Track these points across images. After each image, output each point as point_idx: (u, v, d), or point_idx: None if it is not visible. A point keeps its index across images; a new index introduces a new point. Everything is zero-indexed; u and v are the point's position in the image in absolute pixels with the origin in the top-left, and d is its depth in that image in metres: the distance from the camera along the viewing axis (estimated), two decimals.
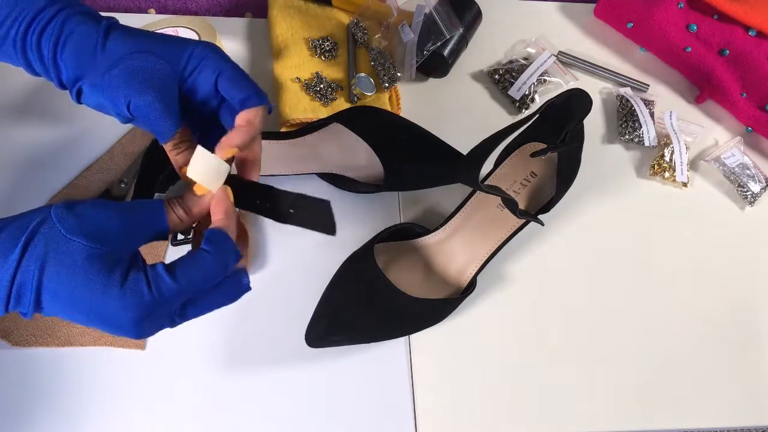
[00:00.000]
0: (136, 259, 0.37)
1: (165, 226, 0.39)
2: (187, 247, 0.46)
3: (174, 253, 0.54)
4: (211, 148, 0.41)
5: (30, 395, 0.49)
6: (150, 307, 0.35)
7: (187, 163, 0.41)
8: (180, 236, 0.52)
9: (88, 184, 0.57)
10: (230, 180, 0.42)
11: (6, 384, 0.49)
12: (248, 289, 0.41)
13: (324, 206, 0.45)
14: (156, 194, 0.53)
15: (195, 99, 0.44)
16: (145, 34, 0.43)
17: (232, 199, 0.42)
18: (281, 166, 0.58)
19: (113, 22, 0.43)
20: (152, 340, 0.52)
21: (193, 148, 0.41)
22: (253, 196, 0.44)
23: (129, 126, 0.60)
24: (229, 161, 0.43)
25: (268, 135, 0.57)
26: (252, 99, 0.43)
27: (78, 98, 0.43)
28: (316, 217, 0.45)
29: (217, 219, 0.41)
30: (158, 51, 0.42)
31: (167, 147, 0.43)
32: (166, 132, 0.42)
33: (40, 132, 0.59)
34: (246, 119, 0.43)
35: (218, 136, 0.42)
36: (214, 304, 0.40)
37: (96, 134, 0.59)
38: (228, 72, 0.43)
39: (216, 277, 0.38)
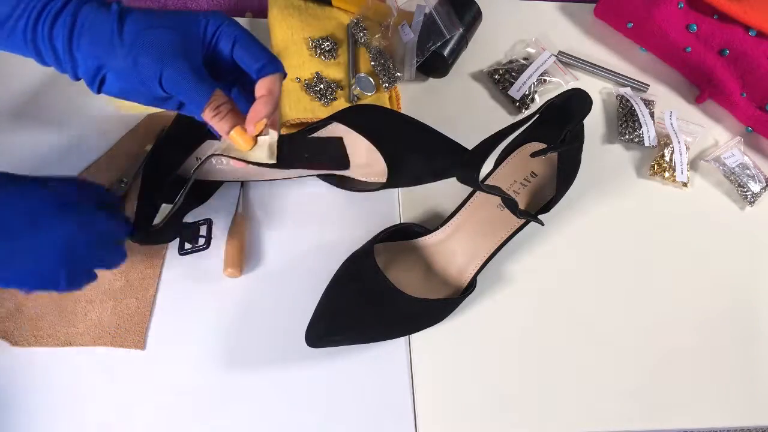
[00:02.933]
0: None
1: None
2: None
3: (177, 261, 0.54)
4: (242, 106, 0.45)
5: (30, 395, 0.49)
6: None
7: (231, 128, 0.44)
8: (187, 245, 0.52)
9: None
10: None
11: (6, 384, 0.49)
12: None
13: (335, 142, 0.47)
14: (163, 204, 0.53)
15: (217, 66, 0.45)
16: (158, 12, 0.43)
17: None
18: (282, 171, 0.58)
19: (124, 6, 0.43)
20: (152, 341, 0.52)
21: (233, 111, 0.44)
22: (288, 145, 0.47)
23: (127, 128, 0.60)
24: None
25: None
26: (268, 67, 0.44)
27: (99, 88, 0.43)
28: (329, 155, 0.48)
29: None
30: (174, 24, 0.42)
31: (207, 115, 0.44)
32: (203, 96, 0.43)
33: (41, 133, 0.59)
34: (267, 88, 0.44)
35: (245, 99, 0.45)
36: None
37: (96, 135, 0.59)
38: (243, 40, 0.44)
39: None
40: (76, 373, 0.50)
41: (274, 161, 0.45)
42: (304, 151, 0.47)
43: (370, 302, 0.51)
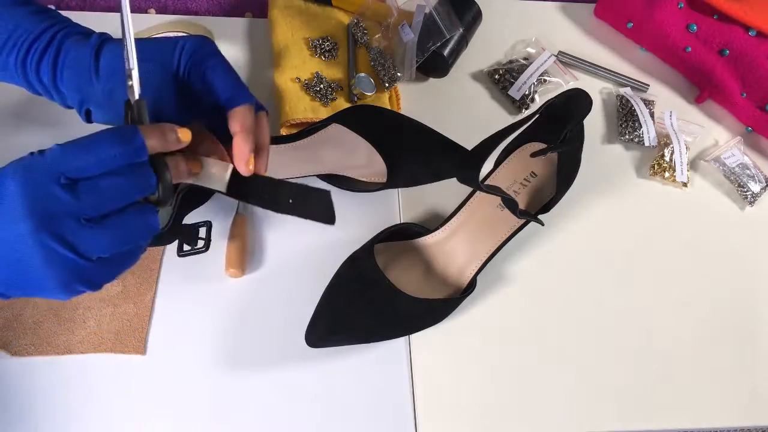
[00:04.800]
0: None
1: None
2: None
3: (175, 264, 0.54)
4: (221, 136, 0.43)
5: (30, 404, 0.48)
6: (32, 168, 0.33)
7: (204, 154, 0.42)
8: (186, 247, 0.52)
9: None
10: (233, 172, 0.43)
11: (6, 393, 0.49)
12: (156, 228, 0.37)
13: (323, 196, 0.45)
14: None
15: (194, 93, 0.44)
16: (135, 43, 0.42)
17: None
18: (281, 171, 0.58)
19: (104, 38, 0.43)
20: (152, 345, 0.52)
21: (208, 137, 0.43)
22: (253, 186, 0.45)
23: None
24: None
25: None
26: (237, 98, 0.42)
27: (88, 118, 0.45)
28: (315, 207, 0.45)
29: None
30: (148, 56, 0.42)
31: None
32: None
33: (37, 138, 0.59)
34: (239, 124, 0.42)
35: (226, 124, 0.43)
36: (118, 234, 0.35)
37: None
38: (215, 67, 0.43)
39: (109, 149, 0.34)
40: (76, 380, 0.50)
41: (224, 190, 0.43)
42: (289, 197, 0.45)
43: (370, 302, 0.51)
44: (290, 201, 0.45)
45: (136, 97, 0.38)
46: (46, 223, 0.32)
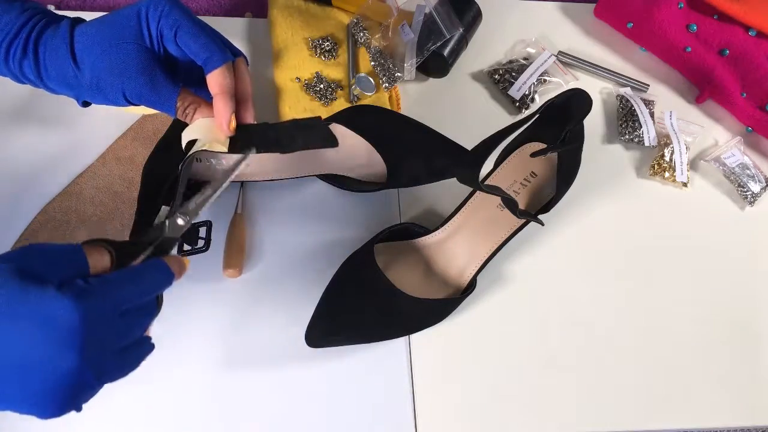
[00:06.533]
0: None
1: None
2: None
3: None
4: (209, 95, 0.44)
5: None
6: (89, 296, 0.31)
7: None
8: (186, 247, 0.52)
9: (80, 190, 0.57)
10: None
11: None
12: (151, 349, 0.39)
13: (317, 123, 0.47)
14: (162, 206, 0.53)
15: (173, 58, 0.44)
16: (103, 25, 0.42)
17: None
18: (282, 171, 0.58)
19: (73, 25, 0.43)
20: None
21: (201, 107, 0.44)
22: (251, 136, 0.46)
23: (121, 131, 0.60)
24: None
25: None
26: (213, 60, 0.42)
27: (86, 106, 0.45)
28: (316, 135, 0.47)
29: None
30: (118, 37, 0.42)
31: (179, 117, 0.44)
32: (167, 102, 0.43)
33: (32, 141, 0.58)
34: (218, 84, 0.42)
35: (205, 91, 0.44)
36: (130, 362, 0.36)
37: (88, 141, 0.59)
38: (184, 27, 0.42)
39: (152, 281, 0.36)
40: None
41: (225, 150, 0.45)
42: (290, 134, 0.47)
43: (370, 302, 0.51)
44: (293, 136, 0.47)
45: (166, 233, 0.41)
46: (94, 358, 0.31)
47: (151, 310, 0.38)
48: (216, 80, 0.43)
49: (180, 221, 0.41)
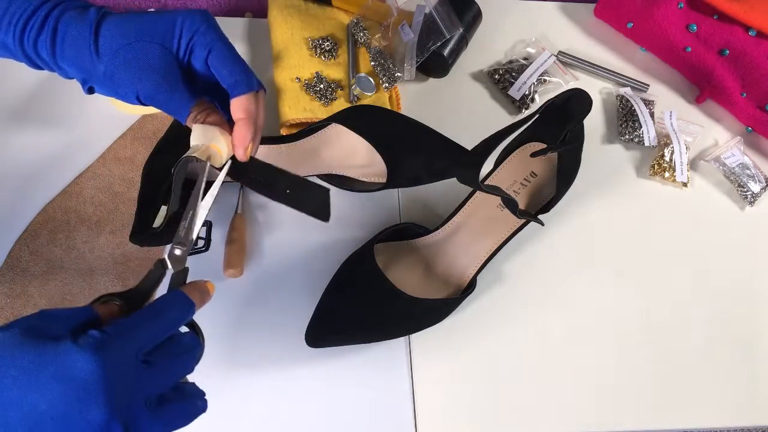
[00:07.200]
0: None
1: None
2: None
3: None
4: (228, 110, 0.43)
5: None
6: (106, 345, 0.30)
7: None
8: None
9: (80, 190, 0.57)
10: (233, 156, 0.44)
11: None
12: (204, 409, 0.39)
13: (322, 192, 0.45)
14: (162, 206, 0.53)
15: (195, 73, 0.44)
16: (134, 20, 0.42)
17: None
18: None
19: (104, 12, 0.42)
20: None
21: (215, 119, 0.44)
22: (253, 169, 0.45)
23: (121, 131, 0.60)
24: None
25: (267, 140, 0.57)
26: (240, 85, 0.42)
27: (90, 93, 0.44)
28: (312, 201, 0.46)
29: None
30: (148, 36, 0.41)
31: (189, 124, 0.44)
32: (181, 110, 0.43)
33: (32, 141, 0.59)
34: (243, 109, 0.42)
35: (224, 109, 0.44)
36: (169, 420, 0.35)
37: (88, 141, 0.59)
38: (217, 50, 0.42)
39: (171, 316, 0.36)
40: None
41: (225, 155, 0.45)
42: (286, 187, 0.46)
43: (370, 302, 0.51)
44: (287, 191, 0.45)
45: (169, 267, 0.40)
46: (123, 411, 0.30)
47: (189, 348, 0.36)
48: (243, 105, 0.42)
49: (177, 251, 0.41)
